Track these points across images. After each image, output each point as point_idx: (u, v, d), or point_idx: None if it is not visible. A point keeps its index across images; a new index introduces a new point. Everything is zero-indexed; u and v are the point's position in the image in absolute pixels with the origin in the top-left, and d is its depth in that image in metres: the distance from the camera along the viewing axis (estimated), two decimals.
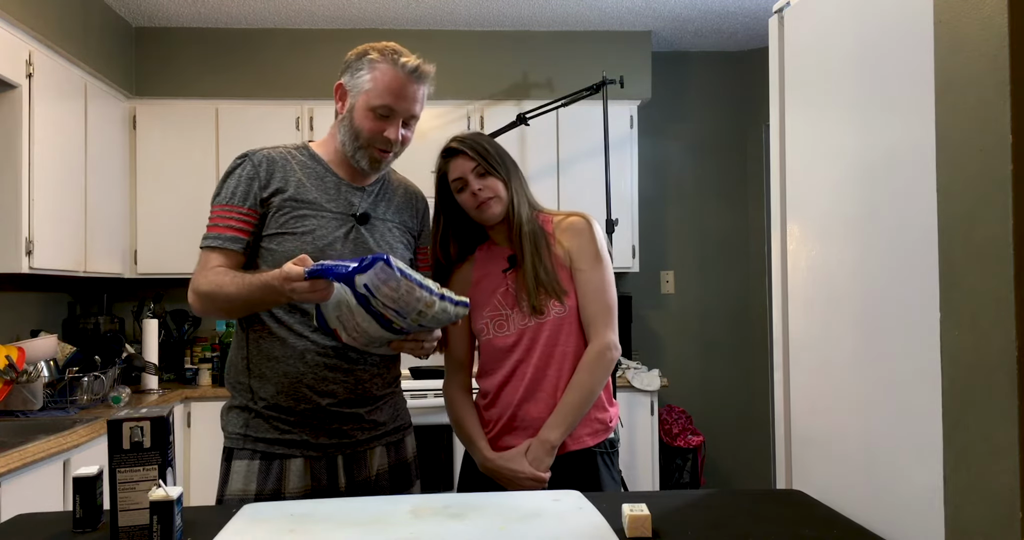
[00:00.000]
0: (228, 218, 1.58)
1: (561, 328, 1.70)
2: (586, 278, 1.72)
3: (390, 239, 1.68)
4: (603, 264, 1.74)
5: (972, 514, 0.97)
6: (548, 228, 1.77)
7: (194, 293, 1.58)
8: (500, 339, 1.73)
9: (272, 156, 1.63)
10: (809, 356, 1.54)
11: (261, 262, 1.60)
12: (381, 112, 1.57)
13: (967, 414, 0.98)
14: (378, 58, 1.57)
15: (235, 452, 1.60)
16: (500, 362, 1.74)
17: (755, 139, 4.28)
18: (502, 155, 1.76)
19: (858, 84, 1.34)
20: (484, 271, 1.79)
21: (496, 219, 1.73)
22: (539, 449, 1.65)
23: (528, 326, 1.71)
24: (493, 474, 1.69)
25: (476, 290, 1.77)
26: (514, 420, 1.71)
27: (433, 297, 1.39)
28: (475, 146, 1.73)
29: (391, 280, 1.33)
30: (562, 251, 1.74)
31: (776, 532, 1.23)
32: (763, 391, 4.10)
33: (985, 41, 0.93)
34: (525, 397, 1.70)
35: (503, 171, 1.73)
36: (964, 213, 0.98)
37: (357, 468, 1.63)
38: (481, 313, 1.76)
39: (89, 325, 3.63)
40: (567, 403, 1.67)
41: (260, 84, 3.82)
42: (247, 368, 1.62)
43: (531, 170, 3.87)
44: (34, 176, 2.83)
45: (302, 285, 1.37)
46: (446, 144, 1.77)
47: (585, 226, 1.76)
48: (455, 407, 1.79)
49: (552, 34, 3.97)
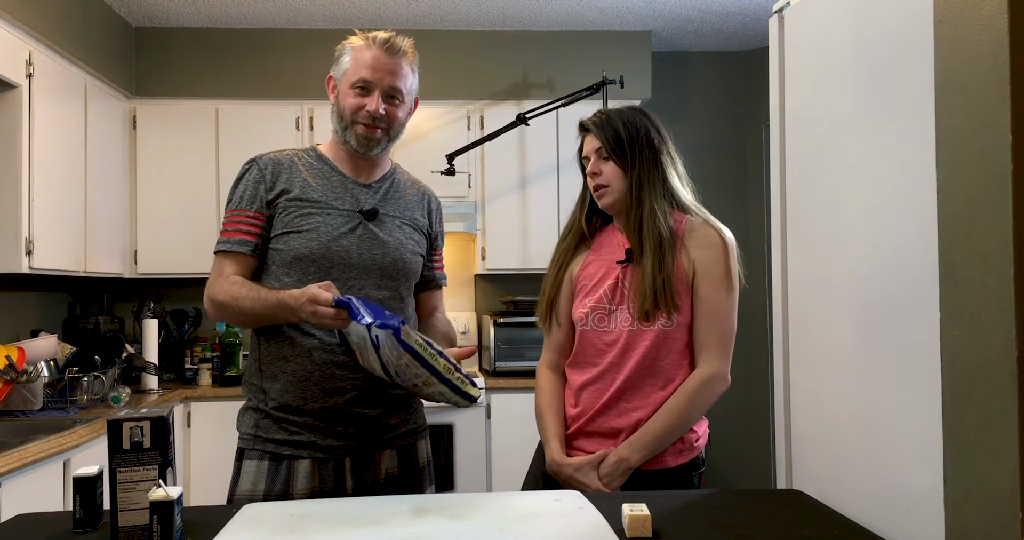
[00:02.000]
0: (238, 222, 1.63)
1: (665, 342, 1.58)
2: (708, 298, 1.57)
3: (399, 235, 1.69)
4: (731, 287, 1.59)
5: (972, 514, 0.97)
6: (679, 230, 1.61)
7: (210, 301, 1.62)
8: (598, 335, 1.62)
9: (278, 159, 1.67)
10: (809, 356, 1.54)
11: (269, 262, 1.62)
12: (360, 86, 1.62)
13: (967, 414, 0.98)
14: (354, 41, 1.65)
15: (246, 452, 1.61)
16: (593, 358, 1.63)
17: (755, 139, 4.28)
18: (636, 141, 1.60)
19: (858, 84, 1.34)
20: (597, 255, 1.68)
21: (609, 208, 1.64)
22: (614, 468, 1.55)
23: (631, 330, 1.58)
24: (558, 477, 1.61)
25: (584, 273, 1.68)
26: (591, 425, 1.61)
27: (432, 378, 1.40)
28: (605, 126, 1.62)
29: (394, 349, 1.37)
30: (686, 261, 1.58)
31: (776, 532, 1.23)
32: (763, 391, 4.10)
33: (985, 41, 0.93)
34: (609, 405, 1.59)
35: (628, 158, 1.60)
36: (964, 213, 0.98)
37: (365, 471, 1.62)
38: (584, 301, 1.65)
39: (89, 325, 3.63)
40: (658, 427, 1.55)
41: (260, 84, 3.82)
42: (259, 370, 1.63)
43: (531, 170, 3.88)
44: (34, 176, 2.83)
45: (328, 311, 1.42)
46: (587, 117, 1.68)
47: (717, 240, 1.60)
48: (541, 393, 1.70)
49: (552, 34, 3.97)
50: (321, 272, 1.59)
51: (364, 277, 1.62)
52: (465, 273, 4.22)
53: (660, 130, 1.67)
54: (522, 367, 3.65)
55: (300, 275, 1.59)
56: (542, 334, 1.79)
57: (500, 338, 3.72)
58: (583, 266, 1.69)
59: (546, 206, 3.87)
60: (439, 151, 3.66)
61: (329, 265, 1.59)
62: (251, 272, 1.63)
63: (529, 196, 3.87)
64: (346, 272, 1.60)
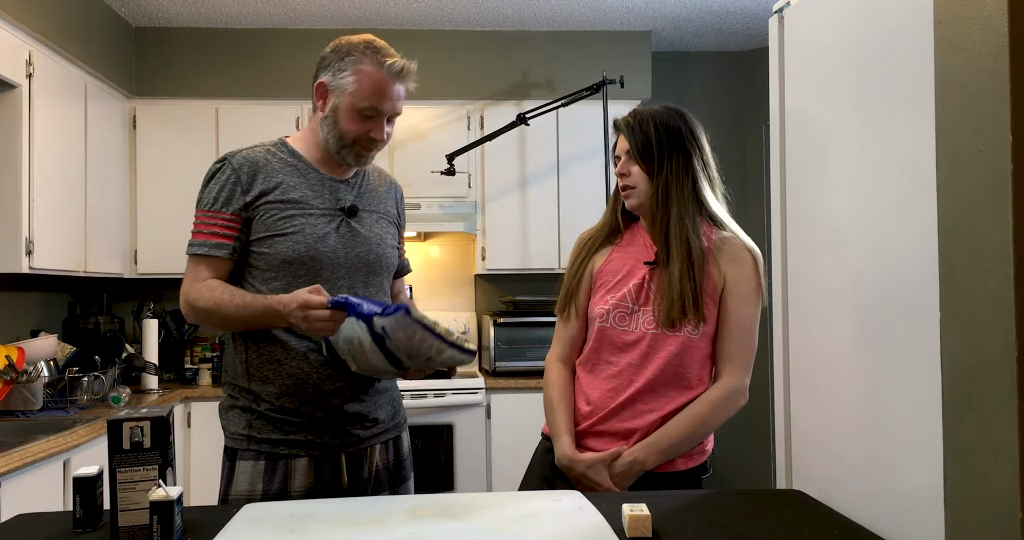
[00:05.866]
0: (212, 225, 1.58)
1: (689, 350, 1.57)
2: (736, 312, 1.58)
3: (378, 230, 1.69)
4: (758, 303, 1.60)
5: (972, 514, 0.97)
6: (709, 242, 1.60)
7: (189, 306, 1.58)
8: (618, 333, 1.61)
9: (252, 157, 1.60)
10: (809, 356, 1.54)
11: (252, 266, 1.59)
12: (367, 113, 1.57)
13: (967, 414, 0.98)
14: (361, 59, 1.56)
15: (239, 452, 1.60)
16: (609, 356, 1.62)
17: (755, 139, 4.28)
18: (667, 145, 1.59)
19: (858, 84, 1.34)
20: (623, 251, 1.67)
21: (635, 209, 1.63)
22: (628, 468, 1.54)
23: (655, 333, 1.57)
24: (569, 473, 1.60)
25: (607, 268, 1.66)
26: (603, 424, 1.60)
27: (443, 345, 1.45)
28: (636, 128, 1.61)
29: (409, 328, 1.40)
30: (717, 274, 1.58)
31: (776, 532, 1.23)
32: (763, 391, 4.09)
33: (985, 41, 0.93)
34: (624, 405, 1.58)
35: (656, 163, 1.59)
36: (964, 213, 0.98)
37: (359, 465, 1.64)
38: (605, 297, 1.63)
39: (89, 325, 3.63)
40: (676, 433, 1.55)
41: (260, 84, 3.82)
42: (246, 373, 1.61)
43: (531, 170, 3.88)
44: (34, 176, 2.83)
45: (321, 314, 1.42)
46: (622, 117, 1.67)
47: (748, 257, 1.60)
48: (552, 387, 1.69)
49: (552, 34, 3.97)
50: (311, 274, 1.57)
51: (352, 275, 1.62)
52: (465, 273, 4.22)
53: (695, 132, 1.64)
54: (522, 367, 3.64)
55: (289, 278, 1.57)
56: (542, 334, 1.79)
57: (500, 338, 3.72)
58: (606, 261, 1.68)
59: (546, 206, 3.87)
60: (439, 151, 3.65)
61: (318, 266, 1.58)
62: (227, 275, 1.60)
63: (529, 196, 3.87)
64: (335, 272, 1.60)
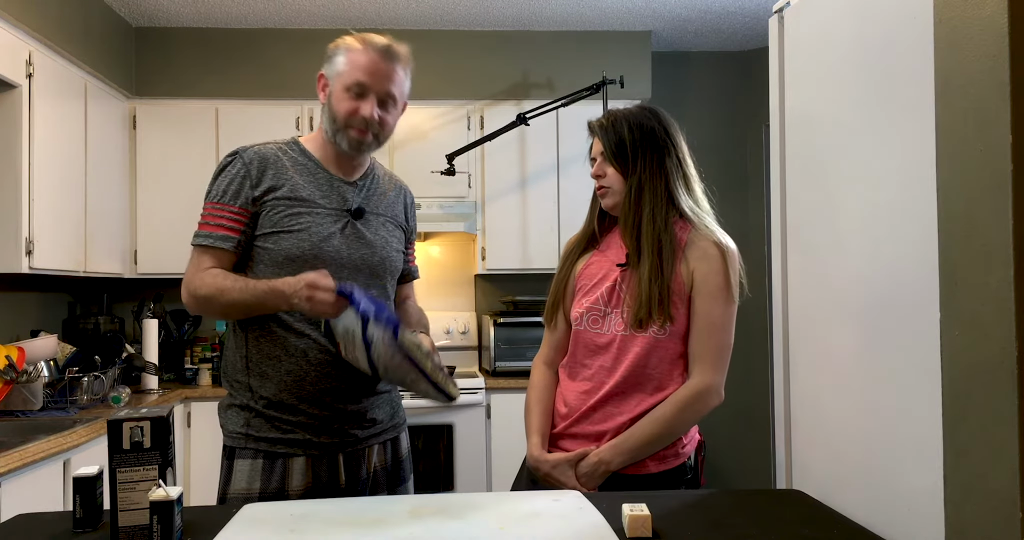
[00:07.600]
0: (220, 217, 1.60)
1: (656, 350, 1.56)
2: (705, 310, 1.55)
3: (384, 233, 1.70)
4: (728, 300, 1.57)
5: (972, 514, 0.97)
6: (682, 240, 1.58)
7: (190, 295, 1.59)
8: (591, 336, 1.62)
9: (263, 153, 1.63)
10: (809, 356, 1.54)
11: (256, 260, 1.60)
12: (355, 90, 1.60)
13: (967, 414, 0.98)
14: (351, 43, 1.64)
15: (237, 451, 1.60)
16: (584, 359, 1.63)
17: (755, 139, 4.28)
18: (639, 145, 1.59)
19: (858, 84, 1.34)
20: (601, 255, 1.68)
21: (611, 209, 1.64)
22: (593, 468, 1.54)
23: (624, 334, 1.57)
24: (536, 473, 1.62)
25: (585, 272, 1.68)
26: (576, 427, 1.61)
27: (421, 378, 1.47)
28: (609, 129, 1.62)
29: (391, 348, 1.42)
30: (685, 272, 1.56)
31: (776, 532, 1.23)
32: (763, 391, 4.09)
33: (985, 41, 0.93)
34: (596, 407, 1.59)
35: (629, 163, 1.59)
36: (964, 213, 0.98)
37: (356, 466, 1.64)
38: (581, 300, 1.65)
39: (89, 325, 3.63)
40: (642, 435, 1.53)
41: (260, 84, 3.82)
42: (246, 367, 1.62)
43: (531, 170, 3.88)
44: (34, 176, 2.83)
45: (327, 296, 1.44)
46: (595, 118, 1.68)
47: (715, 252, 1.56)
48: (532, 388, 1.72)
49: (552, 34, 3.97)
50: None
51: (354, 276, 1.62)
52: (465, 273, 4.22)
53: (669, 131, 1.63)
54: (522, 367, 3.64)
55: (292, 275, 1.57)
56: (542, 334, 1.79)
57: (500, 338, 3.72)
58: (585, 265, 1.70)
59: (546, 206, 3.87)
60: (439, 151, 3.66)
61: (321, 265, 1.58)
62: (230, 267, 1.61)
63: (529, 196, 3.87)
64: (337, 272, 1.60)
